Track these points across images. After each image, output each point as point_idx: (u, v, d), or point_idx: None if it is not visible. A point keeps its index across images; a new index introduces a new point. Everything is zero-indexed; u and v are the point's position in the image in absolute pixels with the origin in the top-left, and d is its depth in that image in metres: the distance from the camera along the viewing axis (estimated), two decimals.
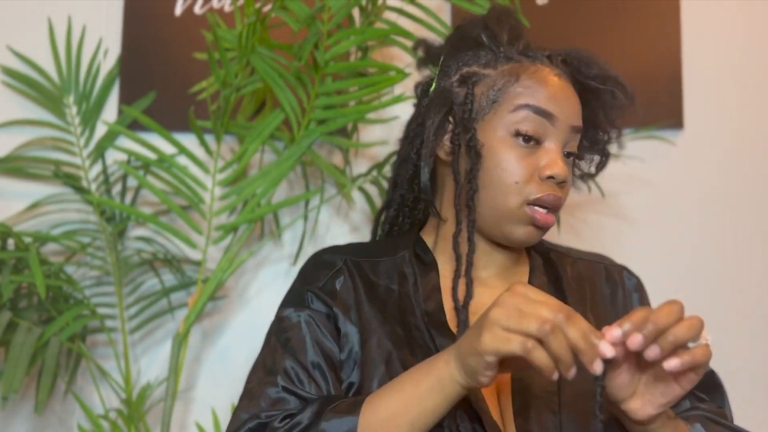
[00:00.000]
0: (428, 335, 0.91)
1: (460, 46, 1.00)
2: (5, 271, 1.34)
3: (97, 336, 1.58)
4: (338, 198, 1.62)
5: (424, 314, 0.93)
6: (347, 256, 0.99)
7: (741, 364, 1.55)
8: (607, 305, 0.98)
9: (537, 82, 0.92)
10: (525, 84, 0.92)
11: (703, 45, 1.65)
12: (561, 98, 0.92)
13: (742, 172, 1.65)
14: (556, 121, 0.91)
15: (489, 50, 0.97)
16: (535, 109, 0.90)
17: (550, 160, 0.91)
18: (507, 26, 0.98)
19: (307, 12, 1.32)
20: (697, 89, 1.64)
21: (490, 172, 0.91)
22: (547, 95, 0.91)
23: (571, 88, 0.94)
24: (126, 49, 1.61)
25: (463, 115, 0.94)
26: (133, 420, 1.39)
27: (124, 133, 1.49)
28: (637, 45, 1.63)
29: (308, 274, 0.99)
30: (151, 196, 1.60)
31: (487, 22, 0.99)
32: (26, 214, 1.56)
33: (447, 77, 0.99)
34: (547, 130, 0.91)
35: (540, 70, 0.93)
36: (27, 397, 1.56)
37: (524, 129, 0.90)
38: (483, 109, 0.93)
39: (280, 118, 1.42)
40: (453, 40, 1.02)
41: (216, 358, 1.60)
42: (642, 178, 1.62)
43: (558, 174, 0.90)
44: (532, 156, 0.91)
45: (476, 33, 0.98)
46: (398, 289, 0.96)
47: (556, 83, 0.92)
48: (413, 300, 0.94)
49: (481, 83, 0.95)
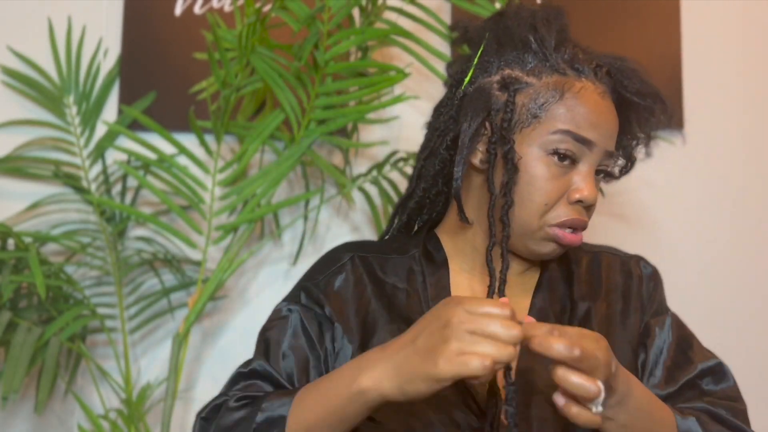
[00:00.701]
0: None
1: (504, 42, 0.95)
2: (5, 271, 1.34)
3: (97, 336, 1.58)
4: (338, 198, 1.62)
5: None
6: (356, 252, 0.99)
7: (741, 364, 1.54)
8: (619, 297, 0.98)
9: (581, 103, 0.89)
10: (568, 104, 0.89)
11: (703, 45, 1.65)
12: (602, 124, 0.90)
13: (742, 172, 1.65)
14: (594, 147, 0.90)
15: (535, 55, 0.93)
16: (575, 137, 0.88)
17: (582, 183, 0.90)
18: (555, 29, 0.94)
19: (307, 12, 1.32)
20: (697, 89, 1.64)
21: (521, 188, 0.90)
22: (589, 122, 0.89)
23: (613, 109, 0.92)
24: (126, 49, 1.61)
25: (502, 125, 0.91)
26: (133, 420, 1.39)
27: (124, 133, 1.49)
28: (637, 45, 1.63)
29: (312, 269, 1.01)
30: (151, 196, 1.60)
31: (536, 23, 0.93)
32: (26, 214, 1.56)
33: (487, 74, 0.95)
34: (584, 154, 0.90)
35: (585, 89, 0.90)
36: (27, 397, 1.56)
37: (562, 149, 0.89)
38: (522, 122, 0.90)
39: (280, 118, 1.42)
40: (497, 33, 0.96)
41: (216, 358, 1.60)
42: (642, 178, 1.62)
43: (587, 198, 0.89)
44: (565, 176, 0.90)
45: (523, 33, 0.93)
46: (406, 287, 0.96)
47: (599, 106, 0.90)
48: (421, 298, 0.94)
49: (522, 92, 0.91)
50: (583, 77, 0.91)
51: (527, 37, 0.93)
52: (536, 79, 0.91)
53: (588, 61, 0.93)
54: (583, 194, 0.89)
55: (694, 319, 1.13)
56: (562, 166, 0.89)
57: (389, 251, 1.00)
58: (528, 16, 0.95)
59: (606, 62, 0.94)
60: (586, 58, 0.93)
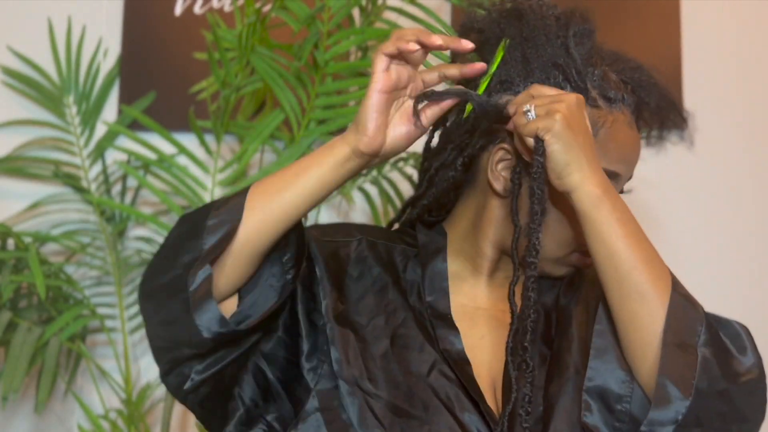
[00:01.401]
0: (430, 325, 0.90)
1: (530, 57, 0.86)
2: (5, 271, 1.34)
3: (97, 336, 1.58)
4: (338, 198, 1.62)
5: (428, 306, 0.92)
6: (366, 236, 0.95)
7: None
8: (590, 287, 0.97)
9: (613, 138, 0.86)
10: (600, 139, 0.85)
11: (703, 45, 1.65)
12: (630, 156, 0.88)
13: (742, 172, 1.65)
14: (619, 179, 0.88)
15: (566, 81, 0.86)
16: (606, 172, 0.83)
17: None
18: (586, 49, 0.88)
19: (307, 12, 1.32)
20: (697, 89, 1.64)
21: (550, 224, 0.86)
22: (619, 156, 0.87)
23: (638, 137, 0.90)
24: (126, 49, 1.61)
25: (535, 167, 0.82)
26: (133, 420, 1.39)
27: (124, 133, 1.49)
28: (637, 45, 1.62)
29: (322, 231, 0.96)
30: (151, 196, 1.60)
31: (569, 43, 0.86)
32: (26, 214, 1.56)
33: (510, 92, 0.87)
34: None
35: (616, 122, 0.86)
36: (27, 397, 1.56)
37: None
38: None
39: (280, 118, 1.42)
40: (521, 44, 0.87)
41: None
42: (642, 178, 1.62)
43: None
44: None
45: (555, 55, 0.86)
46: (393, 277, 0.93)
47: (629, 138, 0.87)
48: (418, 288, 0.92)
49: None
50: (615, 108, 0.87)
51: (558, 58, 0.86)
52: None
53: (618, 85, 0.88)
54: None
55: None
56: None
57: (396, 240, 0.97)
58: (557, 31, 0.87)
59: (628, 78, 0.90)
60: (617, 82, 0.88)
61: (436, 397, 0.87)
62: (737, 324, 0.85)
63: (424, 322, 0.92)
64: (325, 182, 0.84)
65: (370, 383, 0.86)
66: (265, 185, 0.83)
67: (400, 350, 0.90)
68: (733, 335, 0.83)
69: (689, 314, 0.82)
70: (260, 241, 0.81)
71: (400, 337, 0.90)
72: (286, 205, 0.82)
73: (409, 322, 0.92)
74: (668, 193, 1.64)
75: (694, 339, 0.80)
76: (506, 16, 0.89)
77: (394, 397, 0.86)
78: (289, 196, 0.82)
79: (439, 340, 0.90)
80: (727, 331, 0.83)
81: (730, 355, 0.81)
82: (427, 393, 0.87)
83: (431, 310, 0.92)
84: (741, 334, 0.84)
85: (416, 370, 0.89)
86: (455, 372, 0.88)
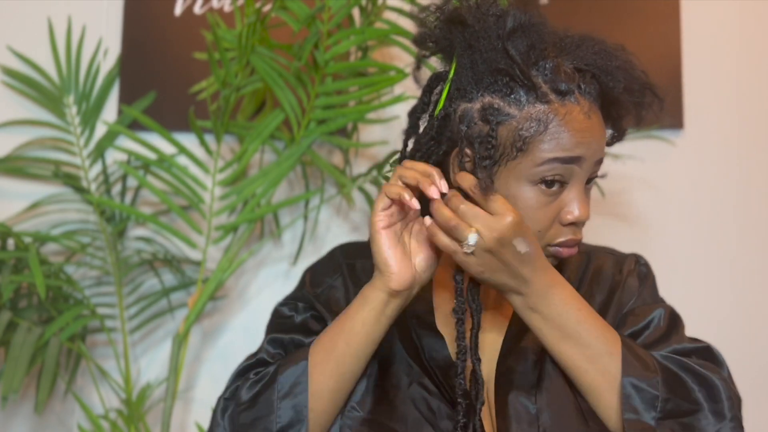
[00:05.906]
0: (415, 335, 0.93)
1: (476, 64, 0.87)
2: (5, 271, 1.34)
3: (97, 336, 1.58)
4: (338, 198, 1.62)
5: (413, 315, 0.94)
6: (346, 260, 1.04)
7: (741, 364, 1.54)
8: (605, 290, 0.99)
9: (566, 129, 0.84)
10: (553, 133, 0.84)
11: (703, 45, 1.65)
12: (589, 138, 0.86)
13: (742, 172, 1.65)
14: (583, 162, 0.86)
15: (513, 81, 0.85)
16: (563, 160, 0.84)
17: (573, 203, 0.87)
18: (529, 44, 0.86)
19: (307, 12, 1.32)
20: (697, 89, 1.64)
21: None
22: (576, 141, 0.84)
23: (600, 119, 0.88)
24: (126, 49, 1.61)
25: (484, 159, 0.85)
26: (133, 420, 1.39)
27: (124, 133, 1.49)
28: (637, 45, 1.62)
29: (314, 273, 1.06)
30: (151, 196, 1.60)
31: (507, 46, 0.85)
32: (26, 214, 1.56)
33: (466, 99, 0.88)
34: (573, 172, 0.86)
35: (569, 114, 0.85)
36: (27, 397, 1.56)
37: (549, 176, 0.85)
38: (507, 155, 0.86)
39: (280, 118, 1.42)
40: (469, 52, 0.87)
41: (216, 358, 1.60)
42: (642, 178, 1.62)
43: (579, 218, 0.87)
44: (555, 201, 0.87)
45: (495, 57, 0.86)
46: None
47: (585, 124, 0.85)
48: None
49: (505, 124, 0.85)
50: (567, 101, 0.85)
51: (500, 65, 0.85)
52: (517, 110, 0.85)
53: (571, 76, 0.86)
54: (574, 216, 0.87)
55: (693, 319, 1.13)
56: (552, 192, 0.86)
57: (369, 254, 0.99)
58: (497, 31, 0.86)
59: (589, 63, 0.88)
60: (569, 73, 0.87)
61: (416, 409, 0.89)
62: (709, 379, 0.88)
63: (410, 333, 0.94)
64: (376, 337, 0.89)
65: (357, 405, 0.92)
66: (324, 373, 0.90)
67: (387, 366, 0.93)
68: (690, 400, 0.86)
69: (644, 395, 0.85)
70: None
71: (384, 355, 0.94)
72: (350, 382, 0.91)
73: (393, 338, 0.94)
74: (668, 194, 1.64)
75: (651, 415, 0.84)
76: (451, 22, 0.89)
77: (378, 413, 0.89)
78: (349, 375, 0.90)
79: (425, 349, 0.91)
80: (685, 395, 0.86)
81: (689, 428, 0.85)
82: (407, 406, 0.90)
83: (416, 320, 0.94)
84: (697, 396, 0.87)
85: (399, 383, 0.91)
86: (436, 382, 0.91)
